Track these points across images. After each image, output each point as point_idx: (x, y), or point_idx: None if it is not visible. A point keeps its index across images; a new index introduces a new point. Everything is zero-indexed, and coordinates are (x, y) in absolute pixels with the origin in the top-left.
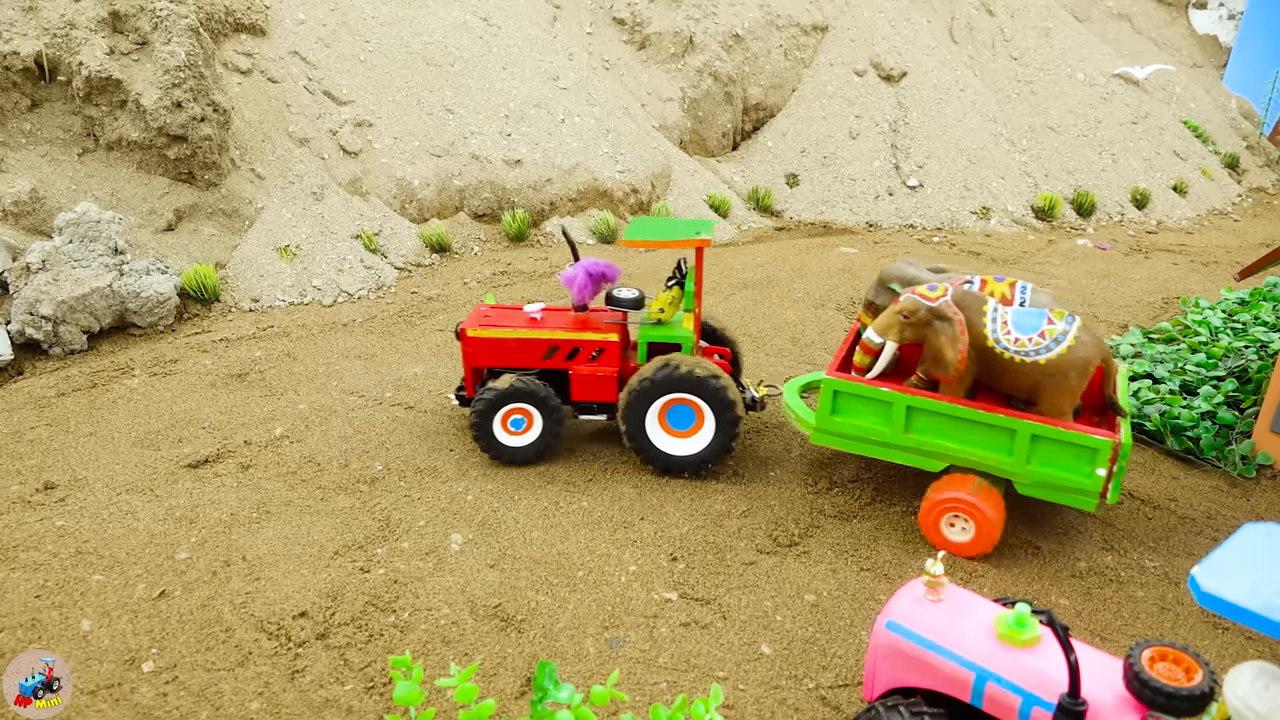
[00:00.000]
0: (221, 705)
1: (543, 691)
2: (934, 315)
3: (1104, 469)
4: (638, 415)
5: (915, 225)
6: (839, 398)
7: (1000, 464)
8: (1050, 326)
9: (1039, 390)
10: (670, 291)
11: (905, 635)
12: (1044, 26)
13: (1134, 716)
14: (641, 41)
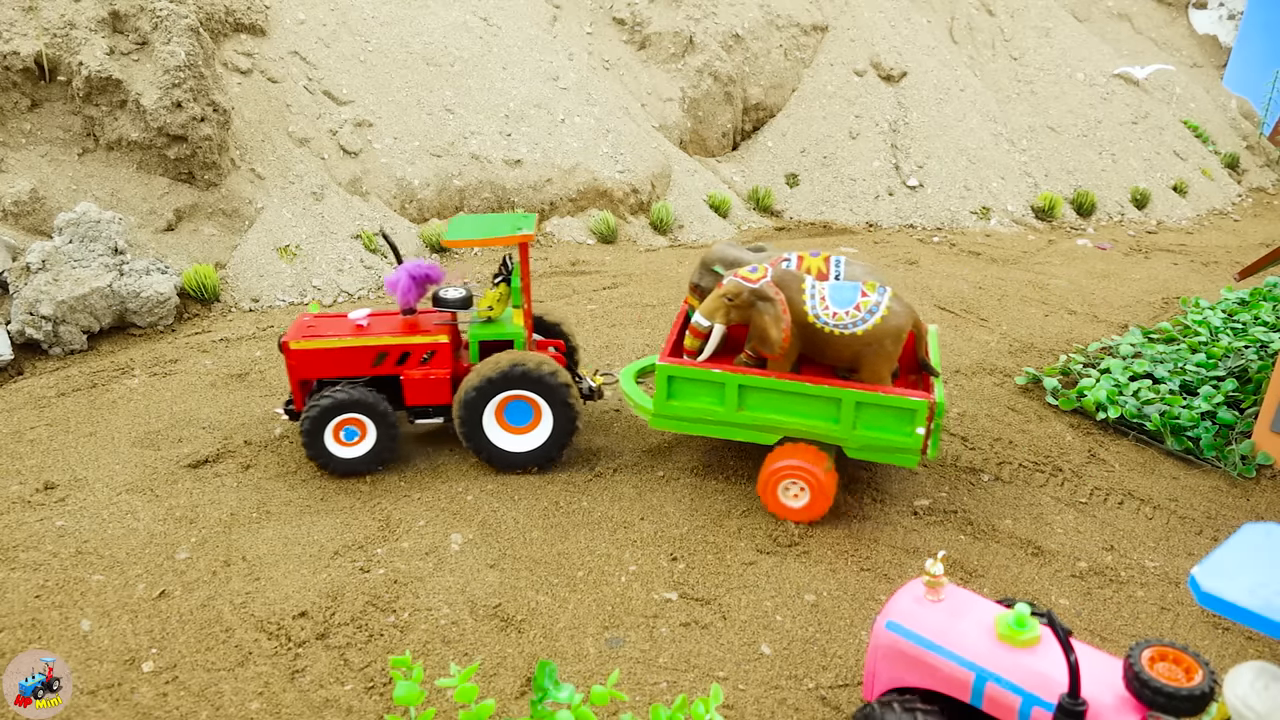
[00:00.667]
0: (221, 705)
1: (543, 691)
2: (756, 296)
3: (922, 428)
4: (474, 415)
5: (915, 225)
6: (674, 382)
7: (830, 432)
8: (864, 299)
9: (859, 359)
10: (498, 289)
11: (905, 635)
12: (1044, 26)
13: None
14: (641, 41)
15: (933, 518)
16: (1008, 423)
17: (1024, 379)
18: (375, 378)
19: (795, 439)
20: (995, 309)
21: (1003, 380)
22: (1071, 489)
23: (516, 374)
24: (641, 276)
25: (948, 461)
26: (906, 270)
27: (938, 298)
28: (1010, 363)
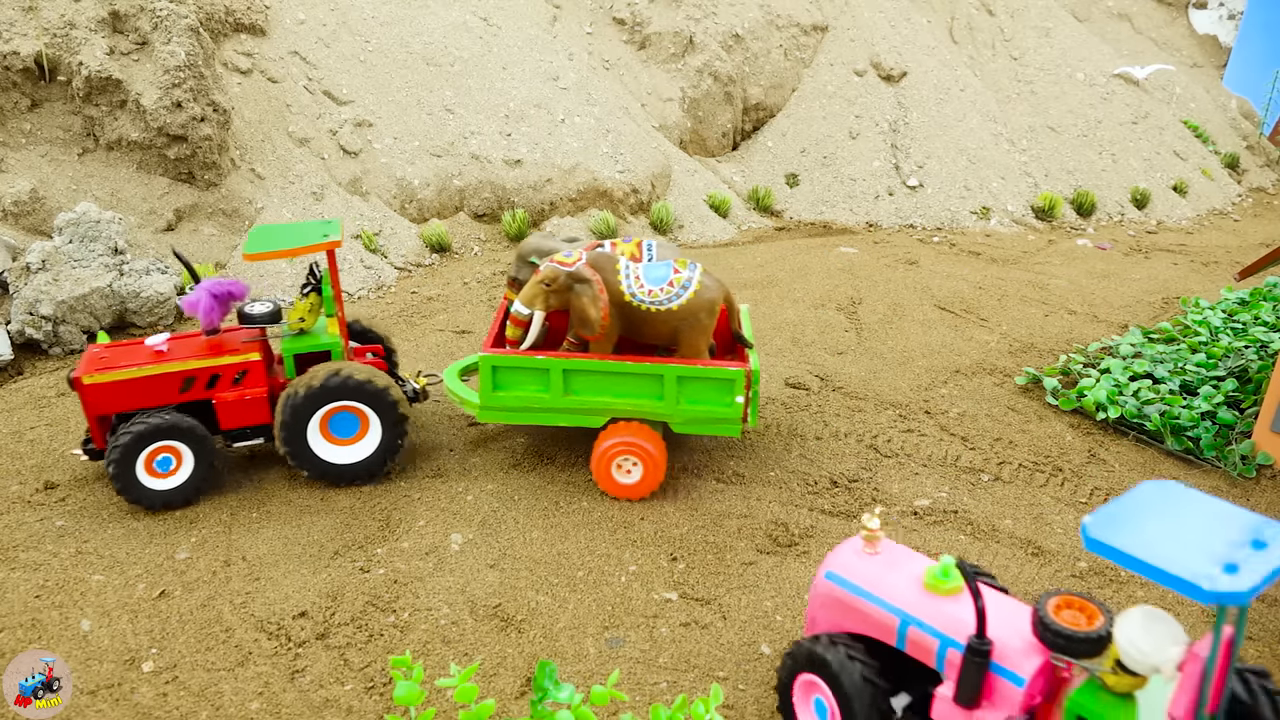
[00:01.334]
0: (221, 705)
1: (543, 691)
2: (573, 279)
3: (741, 396)
4: (297, 431)
5: (915, 225)
6: (498, 373)
7: (655, 409)
8: (677, 275)
9: (677, 335)
10: (308, 299)
11: (841, 584)
12: (1044, 26)
13: (1038, 658)
14: (641, 41)
15: (933, 518)
16: (1008, 423)
17: (1024, 379)
18: (185, 404)
19: (623, 419)
20: (995, 309)
21: (1003, 380)
22: (1071, 489)
23: (337, 384)
24: None
25: (948, 461)
26: (906, 270)
27: (938, 298)
28: (1010, 363)
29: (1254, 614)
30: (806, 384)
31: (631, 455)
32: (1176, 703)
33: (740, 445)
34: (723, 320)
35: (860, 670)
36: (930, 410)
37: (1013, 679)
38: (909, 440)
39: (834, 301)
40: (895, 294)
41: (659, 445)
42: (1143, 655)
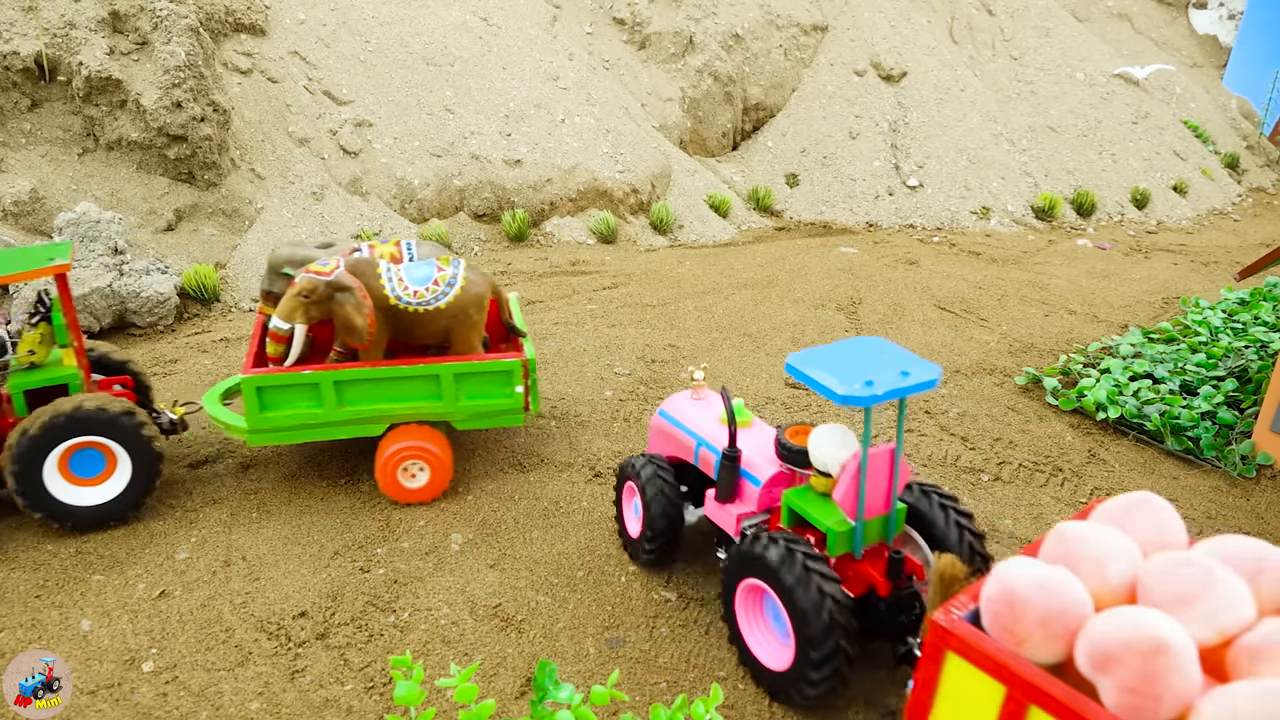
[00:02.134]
0: (221, 705)
1: (543, 691)
2: (333, 288)
3: (520, 386)
4: (31, 473)
5: (915, 225)
6: (264, 393)
7: (435, 409)
8: (441, 273)
9: (449, 333)
10: (37, 329)
11: (665, 418)
12: (1044, 26)
13: (773, 468)
14: (641, 41)
15: None
16: (1008, 423)
17: (1024, 379)
18: None
19: (403, 423)
20: (995, 309)
21: (1003, 380)
22: (1071, 489)
23: (79, 419)
24: (641, 276)
25: (948, 461)
26: (906, 270)
27: (938, 298)
28: (1010, 363)
29: None
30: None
31: (417, 459)
32: (837, 490)
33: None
34: (493, 313)
35: (660, 483)
36: (930, 410)
37: (754, 481)
38: (909, 440)
39: (834, 301)
40: (895, 294)
41: (443, 445)
42: (823, 458)
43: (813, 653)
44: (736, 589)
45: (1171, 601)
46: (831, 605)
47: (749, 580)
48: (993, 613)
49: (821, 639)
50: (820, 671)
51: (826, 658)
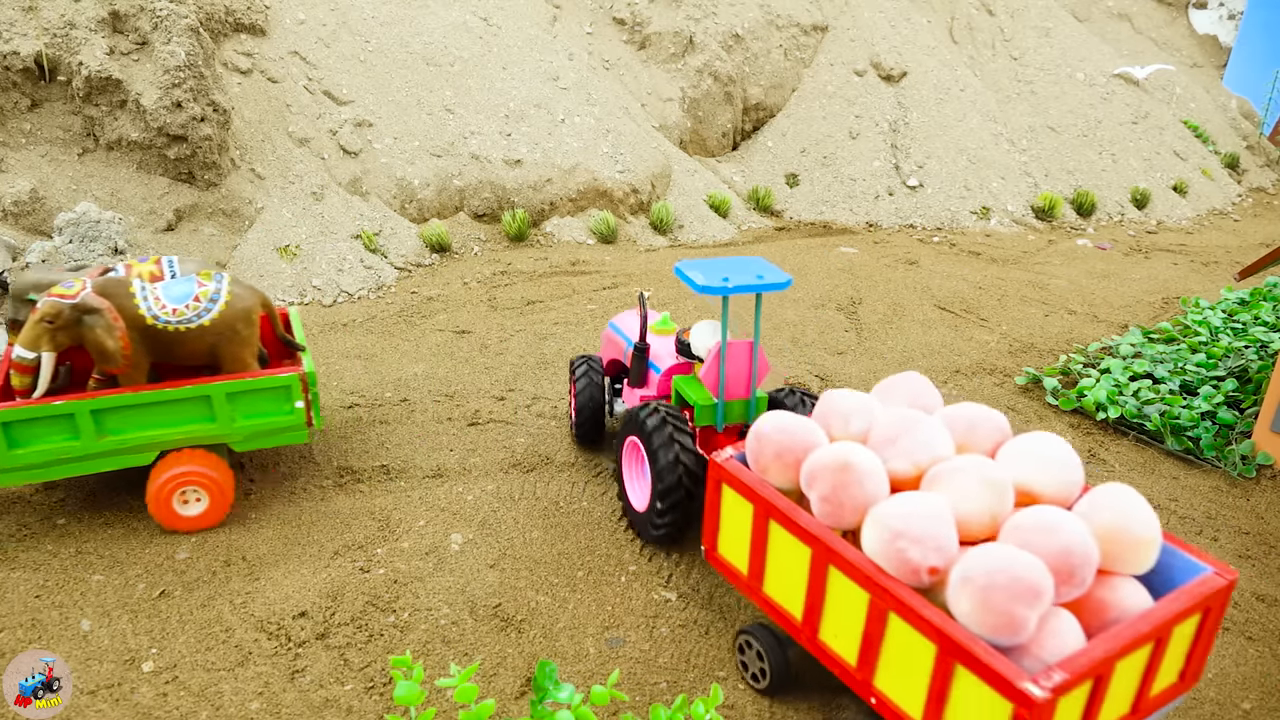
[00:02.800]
0: (221, 705)
1: (543, 691)
2: (80, 311)
3: (301, 401)
4: None
5: (915, 225)
6: (11, 429)
7: (210, 432)
8: (203, 289)
9: (216, 351)
10: None
11: (611, 327)
12: (1044, 26)
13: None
14: (641, 41)
15: None
16: None
17: (1024, 379)
18: None
19: (175, 449)
20: (995, 309)
21: (1003, 380)
22: None
23: None
24: (641, 276)
25: None
26: (906, 270)
27: (938, 298)
28: (1010, 363)
29: (1253, 614)
30: (807, 384)
31: (193, 485)
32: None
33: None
34: (265, 327)
35: (589, 375)
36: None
37: (656, 370)
38: None
39: (834, 301)
40: (895, 294)
41: (222, 469)
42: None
43: (660, 502)
44: (624, 445)
45: (882, 442)
46: (683, 463)
47: (631, 438)
48: (748, 451)
49: (672, 489)
50: (665, 517)
51: (673, 505)
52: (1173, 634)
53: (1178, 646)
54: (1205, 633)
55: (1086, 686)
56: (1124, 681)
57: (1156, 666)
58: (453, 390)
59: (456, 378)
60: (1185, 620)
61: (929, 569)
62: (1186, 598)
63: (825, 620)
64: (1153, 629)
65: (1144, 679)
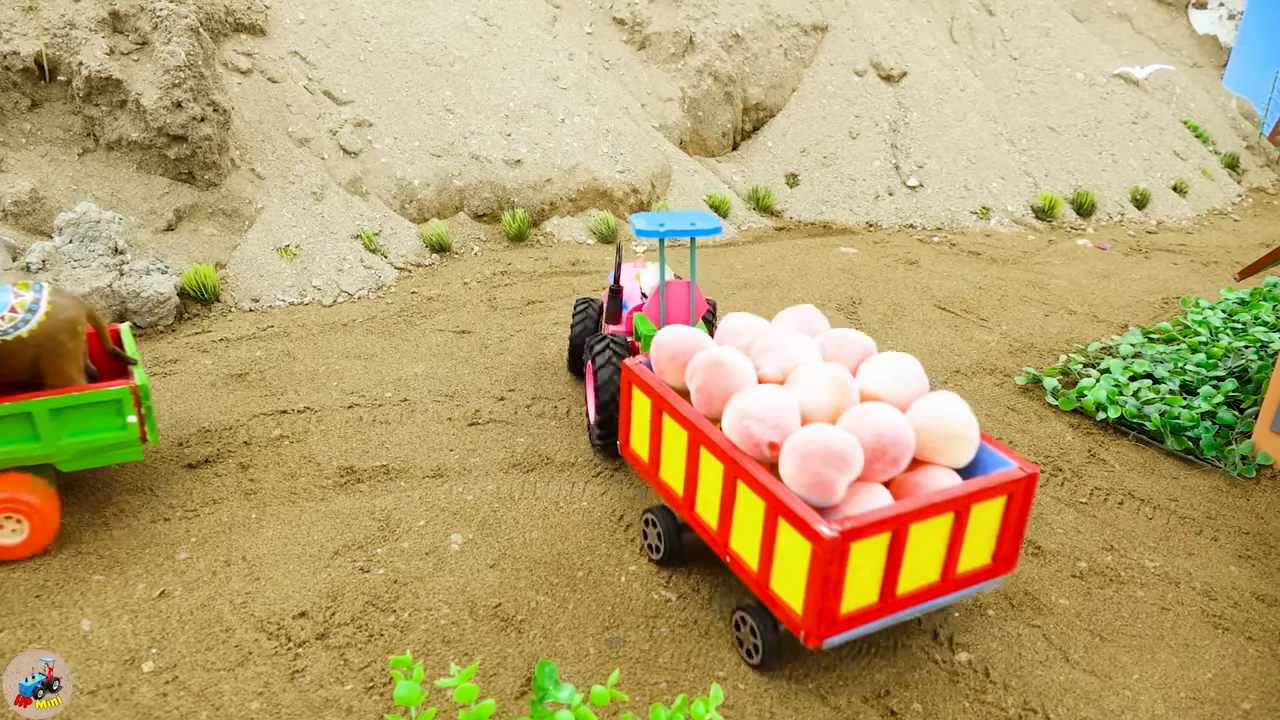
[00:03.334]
0: (221, 705)
1: (543, 691)
2: None
3: (134, 416)
4: None
5: (915, 225)
6: None
7: (31, 452)
8: (20, 299)
9: (37, 364)
10: None
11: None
12: (1044, 26)
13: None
14: (641, 41)
15: None
16: (1008, 423)
17: (1024, 379)
18: None
19: None
20: (995, 309)
21: (1003, 380)
22: (1071, 489)
23: None
24: None
25: None
26: (906, 270)
27: (938, 298)
28: (1010, 363)
29: (1253, 614)
30: None
31: (14, 513)
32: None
33: None
34: (93, 342)
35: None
36: None
37: (626, 308)
38: None
39: (834, 301)
40: (895, 294)
41: (44, 493)
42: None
43: (599, 414)
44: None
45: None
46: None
47: (587, 362)
48: (651, 357)
49: (608, 403)
50: (605, 428)
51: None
52: (972, 511)
53: (982, 527)
54: (1011, 519)
55: (882, 539)
56: (927, 547)
57: (960, 540)
58: (453, 390)
59: (456, 378)
60: (985, 501)
61: (769, 444)
62: (985, 482)
63: (699, 494)
64: (947, 501)
65: (950, 551)
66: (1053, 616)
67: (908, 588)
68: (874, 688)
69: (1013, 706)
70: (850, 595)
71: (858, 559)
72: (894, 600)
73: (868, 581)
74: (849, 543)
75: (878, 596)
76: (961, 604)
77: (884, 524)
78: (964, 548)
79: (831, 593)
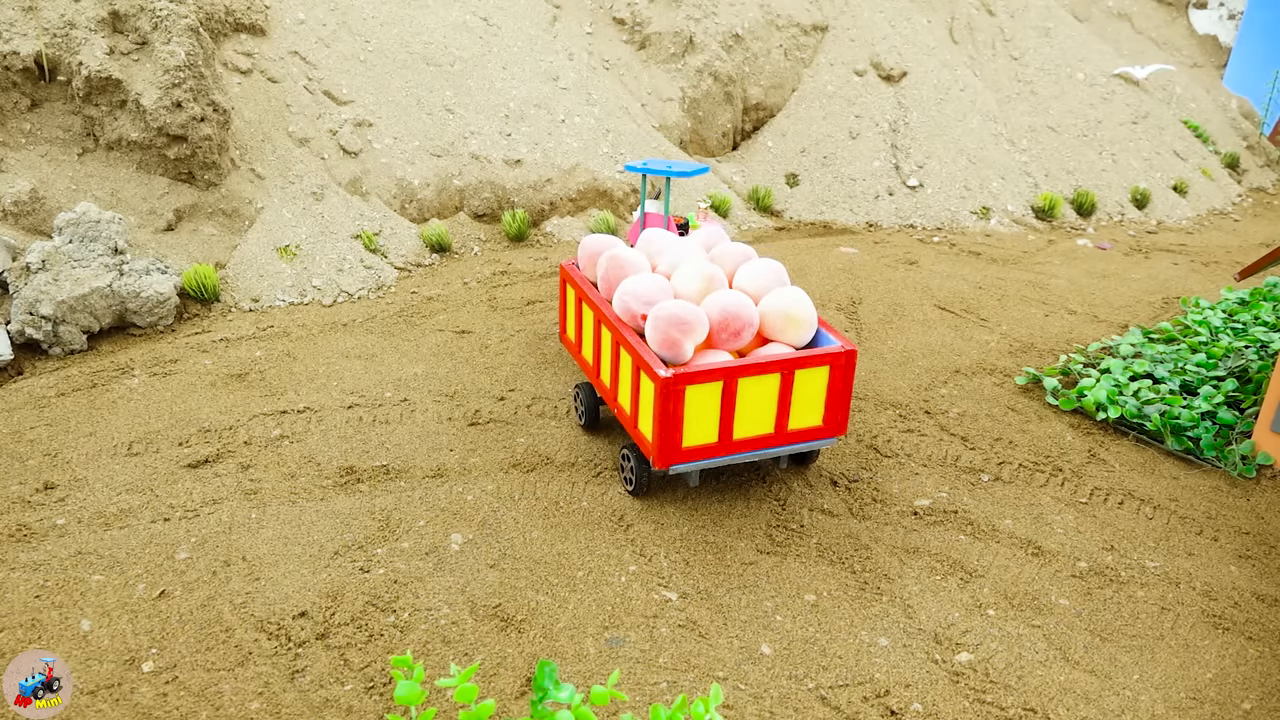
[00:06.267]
0: (221, 705)
1: (543, 691)
2: None
3: None
4: None
5: (915, 225)
6: None
7: None
8: None
9: None
10: None
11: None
12: (1044, 26)
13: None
14: (641, 41)
15: (933, 518)
16: (1008, 423)
17: (1024, 379)
18: None
19: None
20: (995, 309)
21: (1003, 380)
22: (1071, 489)
23: None
24: None
25: (947, 461)
26: (906, 270)
27: (938, 298)
28: (1010, 363)
29: (1253, 614)
30: None
31: None
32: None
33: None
34: None
35: None
36: (930, 410)
37: None
38: (909, 440)
39: (834, 301)
40: (895, 294)
41: None
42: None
43: None
44: None
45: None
46: None
47: None
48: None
49: None
50: None
51: None
52: (796, 375)
53: (810, 391)
54: (836, 387)
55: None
56: (759, 401)
57: (789, 399)
58: (453, 390)
59: (456, 378)
60: (808, 368)
61: (640, 315)
62: (808, 353)
63: (600, 364)
64: (773, 363)
65: (780, 407)
66: (1053, 616)
67: (744, 434)
68: (874, 688)
69: (1013, 706)
70: (691, 432)
71: (694, 401)
72: (731, 443)
73: (706, 423)
74: (682, 385)
75: (717, 437)
76: (961, 604)
77: (714, 374)
78: (794, 407)
79: (671, 426)
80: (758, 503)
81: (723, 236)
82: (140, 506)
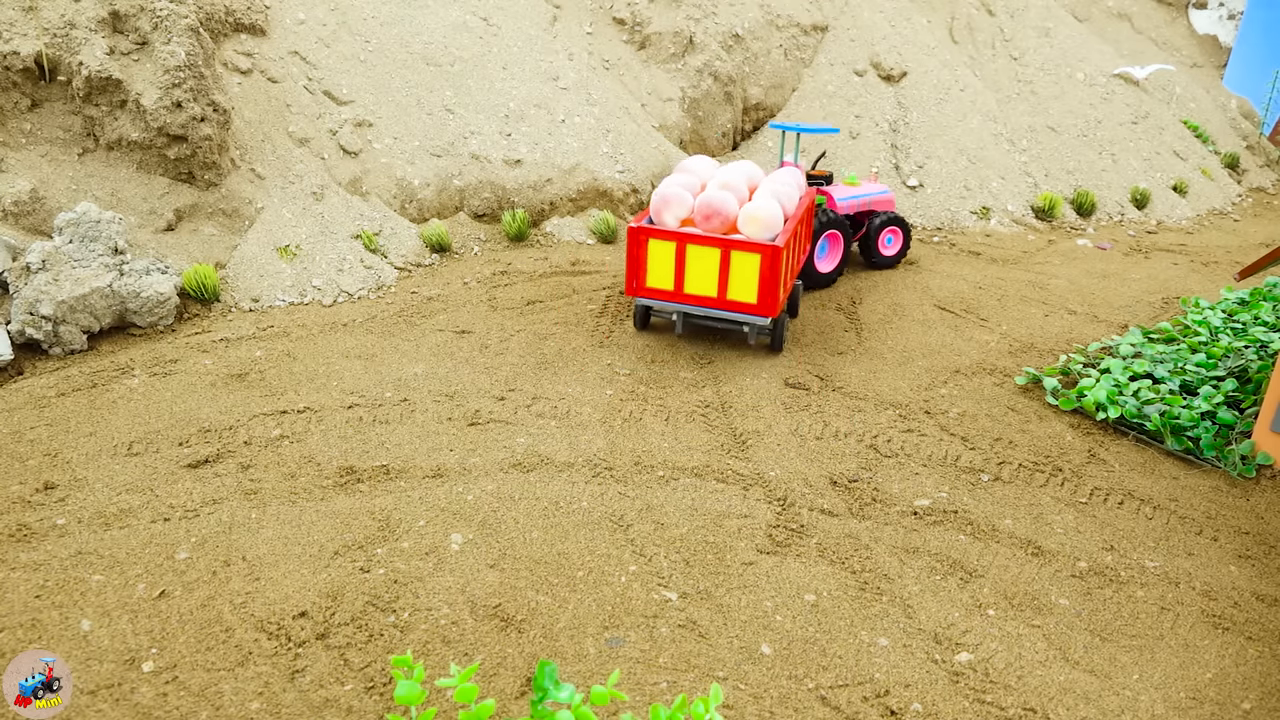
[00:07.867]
0: (221, 705)
1: (543, 691)
2: None
3: None
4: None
5: (915, 225)
6: None
7: None
8: None
9: None
10: None
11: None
12: (1044, 26)
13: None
14: (641, 41)
15: (933, 518)
16: (1008, 423)
17: (1024, 379)
18: None
19: None
20: (995, 309)
21: (1003, 380)
22: (1071, 489)
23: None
24: None
25: (948, 461)
26: (906, 270)
27: (938, 298)
28: (1010, 363)
29: (1253, 614)
30: (806, 384)
31: None
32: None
33: (741, 445)
34: None
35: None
36: (930, 410)
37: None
38: (909, 440)
39: (834, 301)
40: (895, 294)
41: None
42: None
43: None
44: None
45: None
46: None
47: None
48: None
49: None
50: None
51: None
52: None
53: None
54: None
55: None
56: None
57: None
58: (453, 390)
59: (456, 378)
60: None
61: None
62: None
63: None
64: (714, 240)
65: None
66: (1052, 616)
67: (693, 291)
68: (874, 688)
69: (1012, 706)
70: (653, 277)
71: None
72: (683, 295)
73: (664, 273)
74: (644, 237)
75: (673, 286)
76: (961, 604)
77: (668, 236)
78: (731, 280)
79: (635, 267)
80: (758, 503)
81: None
82: (140, 506)
